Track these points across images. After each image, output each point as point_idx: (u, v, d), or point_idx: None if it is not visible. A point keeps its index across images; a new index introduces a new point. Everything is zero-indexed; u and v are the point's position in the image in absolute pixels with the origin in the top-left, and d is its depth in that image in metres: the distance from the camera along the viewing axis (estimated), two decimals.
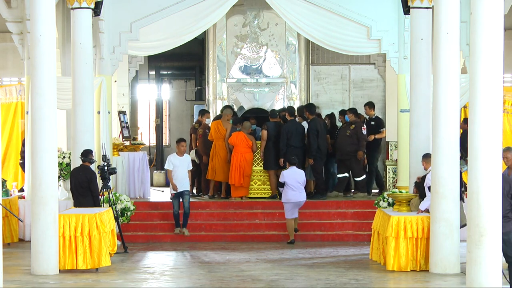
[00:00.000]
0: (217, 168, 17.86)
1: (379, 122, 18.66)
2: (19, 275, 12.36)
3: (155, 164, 23.41)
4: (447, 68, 12.29)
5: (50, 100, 12.42)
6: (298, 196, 15.88)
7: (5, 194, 15.91)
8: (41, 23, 12.37)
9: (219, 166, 17.85)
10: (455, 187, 12.27)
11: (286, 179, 15.94)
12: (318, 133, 17.45)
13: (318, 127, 17.50)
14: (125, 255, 14.49)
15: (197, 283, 11.90)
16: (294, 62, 21.10)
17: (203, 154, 18.32)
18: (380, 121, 18.79)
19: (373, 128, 18.42)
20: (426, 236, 12.55)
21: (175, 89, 24.84)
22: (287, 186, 15.89)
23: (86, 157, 14.13)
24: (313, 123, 17.60)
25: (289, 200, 15.86)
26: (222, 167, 17.84)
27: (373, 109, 18.77)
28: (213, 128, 17.98)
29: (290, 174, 15.98)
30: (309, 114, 17.75)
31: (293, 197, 15.85)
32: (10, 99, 17.88)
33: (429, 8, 14.68)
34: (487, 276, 9.71)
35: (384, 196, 15.09)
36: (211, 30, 20.81)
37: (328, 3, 16.95)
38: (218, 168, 17.86)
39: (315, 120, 17.69)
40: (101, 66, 16.92)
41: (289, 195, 15.86)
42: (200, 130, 18.50)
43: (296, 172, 16.05)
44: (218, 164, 17.85)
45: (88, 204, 13.75)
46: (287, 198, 15.87)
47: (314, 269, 13.01)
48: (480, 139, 9.75)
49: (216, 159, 17.88)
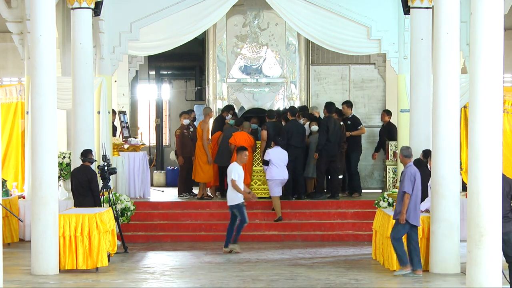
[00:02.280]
0: (197, 169, 17.97)
1: (355, 121, 18.67)
2: (19, 275, 12.36)
3: (155, 164, 23.41)
4: (447, 68, 12.29)
5: (50, 100, 12.43)
6: (282, 173, 16.53)
7: (5, 194, 15.91)
8: (41, 23, 12.37)
9: (198, 167, 17.95)
10: (455, 187, 12.27)
11: (271, 157, 16.61)
12: (328, 129, 17.49)
13: (329, 125, 17.55)
14: (125, 255, 14.49)
15: (197, 283, 11.91)
16: (294, 62, 21.09)
17: (179, 155, 18.39)
18: (356, 120, 18.81)
19: (350, 126, 18.56)
20: (426, 236, 12.55)
21: (175, 89, 24.83)
22: (271, 164, 16.57)
23: (86, 157, 14.13)
24: (325, 120, 17.79)
25: (273, 177, 16.54)
26: (201, 168, 17.87)
27: (350, 108, 18.91)
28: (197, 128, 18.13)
29: (275, 153, 16.64)
30: (327, 111, 17.91)
31: (277, 175, 16.52)
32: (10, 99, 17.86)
33: (429, 8, 14.68)
34: (487, 276, 9.70)
35: (384, 196, 15.09)
36: (211, 30, 20.80)
37: (328, 3, 16.94)
38: (197, 169, 17.97)
39: (329, 118, 17.76)
40: (101, 66, 16.92)
41: (274, 172, 16.54)
42: (178, 131, 18.50)
43: (280, 152, 16.66)
44: (198, 165, 17.96)
45: (88, 204, 13.76)
46: (271, 176, 16.56)
47: (314, 269, 13.02)
48: (480, 139, 9.74)
49: (196, 161, 18.02)
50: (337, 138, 17.68)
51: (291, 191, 17.48)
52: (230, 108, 19.32)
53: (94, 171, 14.22)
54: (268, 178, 16.65)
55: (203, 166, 17.88)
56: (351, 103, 19.10)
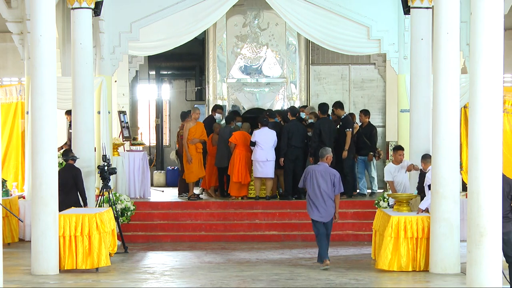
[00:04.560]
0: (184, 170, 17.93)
1: (345, 122, 18.22)
2: (19, 275, 12.35)
3: (155, 164, 23.41)
4: (447, 68, 12.29)
5: (50, 100, 12.42)
6: (266, 155, 16.94)
7: (5, 194, 15.92)
8: (41, 23, 12.37)
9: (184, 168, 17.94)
10: (455, 187, 12.27)
11: (257, 138, 17.07)
12: (320, 132, 17.37)
13: (322, 127, 17.42)
14: (125, 255, 14.49)
15: (197, 283, 11.90)
16: (294, 62, 21.10)
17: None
18: (347, 121, 18.23)
19: (341, 127, 18.17)
20: (426, 236, 12.54)
21: (175, 89, 24.83)
22: (257, 145, 17.03)
23: (67, 156, 14.23)
24: (318, 122, 17.58)
25: (256, 158, 17.07)
26: (186, 168, 17.85)
27: (341, 109, 18.31)
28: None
29: (261, 134, 17.09)
30: (321, 113, 17.75)
31: (260, 157, 17.02)
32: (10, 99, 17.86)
33: (429, 8, 14.67)
34: (487, 276, 9.70)
35: (384, 196, 15.09)
36: (211, 30, 20.82)
37: (328, 3, 16.95)
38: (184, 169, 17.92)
39: (322, 120, 17.57)
40: (101, 66, 16.93)
41: (257, 154, 17.10)
42: (181, 132, 18.45)
43: (267, 133, 17.05)
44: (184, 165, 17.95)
45: (71, 202, 13.67)
46: (255, 157, 17.11)
47: (314, 269, 13.01)
48: (480, 139, 9.75)
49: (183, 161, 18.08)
50: (332, 140, 17.42)
51: (291, 191, 17.47)
52: (218, 107, 19.24)
53: (78, 168, 14.21)
54: (252, 158, 17.22)
55: (186, 166, 17.83)
56: (341, 104, 18.47)
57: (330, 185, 12.80)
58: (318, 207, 12.90)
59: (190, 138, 17.59)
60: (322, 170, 12.84)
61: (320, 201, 12.85)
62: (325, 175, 12.80)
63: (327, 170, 12.85)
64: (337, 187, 12.82)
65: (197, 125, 17.77)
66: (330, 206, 12.87)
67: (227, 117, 18.98)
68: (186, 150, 17.62)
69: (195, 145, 17.70)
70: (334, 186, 12.80)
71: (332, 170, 12.96)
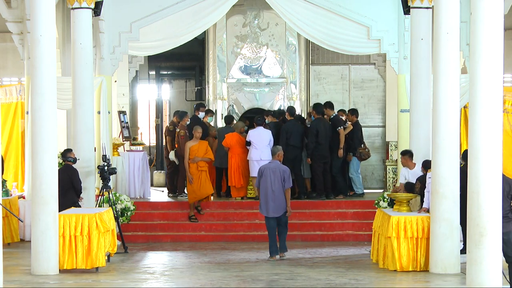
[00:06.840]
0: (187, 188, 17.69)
1: (335, 122, 18.14)
2: (19, 275, 12.35)
3: (155, 164, 23.41)
4: (447, 68, 12.28)
5: (50, 100, 12.42)
6: (260, 154, 16.97)
7: (5, 194, 15.92)
8: (41, 23, 12.37)
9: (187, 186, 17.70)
10: (455, 187, 12.26)
11: (251, 138, 17.17)
12: (317, 133, 17.38)
13: (318, 128, 17.42)
14: (125, 255, 14.49)
15: (197, 283, 11.90)
16: (294, 62, 21.10)
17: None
18: (337, 121, 18.10)
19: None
20: (426, 236, 12.54)
21: (175, 89, 24.84)
22: (252, 145, 17.11)
23: (65, 156, 14.22)
24: (314, 123, 17.56)
25: (251, 158, 17.14)
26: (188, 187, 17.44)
27: (330, 109, 18.13)
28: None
29: (255, 134, 17.17)
30: (316, 113, 17.72)
31: (254, 156, 17.07)
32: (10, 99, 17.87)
33: (429, 8, 14.68)
34: (487, 276, 9.71)
35: (384, 196, 15.09)
36: (211, 30, 20.82)
37: (328, 3, 16.94)
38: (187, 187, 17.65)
39: (318, 120, 17.57)
40: (101, 66, 16.92)
41: (252, 153, 17.16)
42: (182, 132, 18.03)
43: (261, 133, 17.12)
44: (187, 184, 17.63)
45: (69, 203, 13.66)
46: (250, 156, 17.19)
47: (314, 269, 13.01)
48: (480, 139, 9.75)
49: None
50: (328, 140, 17.44)
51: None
52: (201, 105, 19.11)
53: (76, 169, 14.20)
54: (248, 158, 17.27)
55: (188, 185, 17.03)
56: (332, 104, 18.25)
57: (281, 181, 13.80)
58: (270, 202, 13.80)
59: (192, 157, 16.89)
60: (273, 167, 13.86)
61: (272, 196, 13.78)
62: (276, 171, 13.80)
63: (277, 167, 13.86)
64: (287, 182, 13.81)
65: (200, 143, 16.96)
66: (281, 200, 13.80)
67: (226, 117, 18.91)
68: (187, 170, 16.89)
69: (197, 163, 16.95)
70: (284, 181, 13.79)
71: (283, 166, 13.95)
